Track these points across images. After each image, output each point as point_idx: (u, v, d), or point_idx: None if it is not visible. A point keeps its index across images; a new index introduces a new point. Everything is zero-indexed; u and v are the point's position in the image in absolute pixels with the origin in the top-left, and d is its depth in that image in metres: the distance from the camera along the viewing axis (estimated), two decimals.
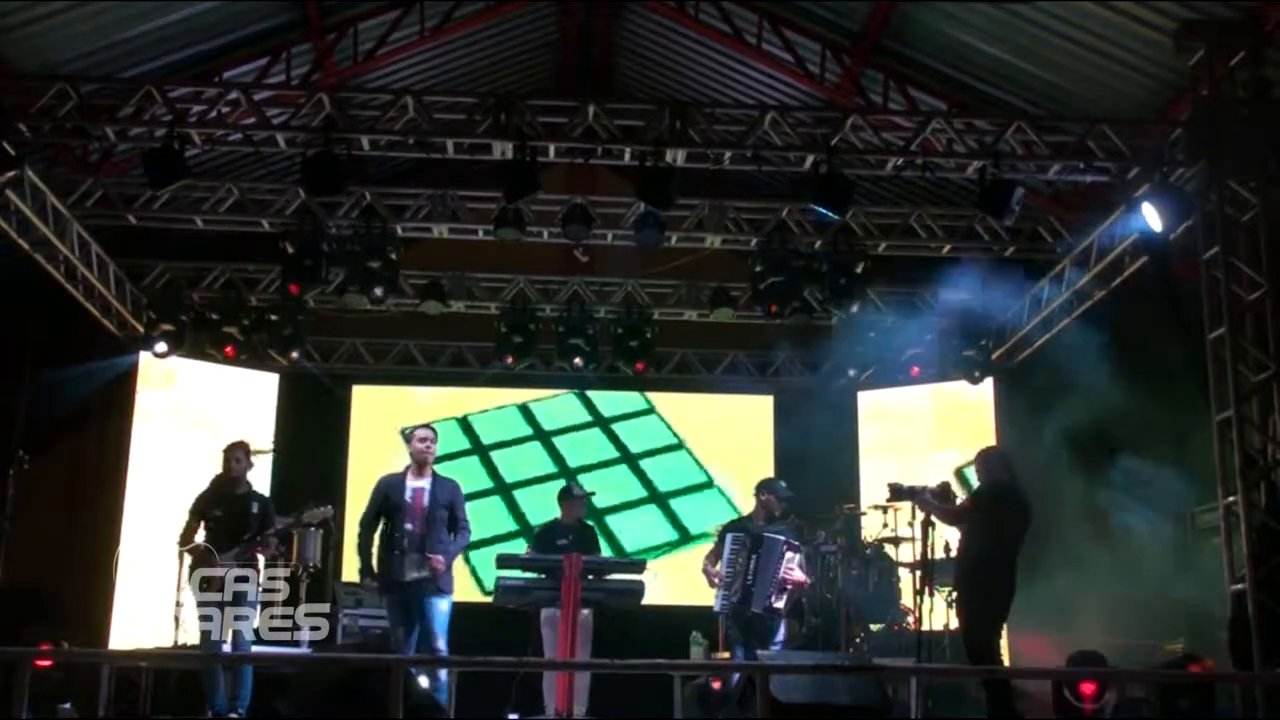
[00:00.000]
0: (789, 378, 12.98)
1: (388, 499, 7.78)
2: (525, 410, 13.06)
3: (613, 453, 12.92)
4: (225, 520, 7.65)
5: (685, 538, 12.37)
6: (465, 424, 12.95)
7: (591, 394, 13.05)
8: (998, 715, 6.82)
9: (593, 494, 9.44)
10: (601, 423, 13.08)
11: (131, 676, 8.10)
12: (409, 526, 7.64)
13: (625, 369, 11.87)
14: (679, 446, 12.97)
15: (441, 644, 7.63)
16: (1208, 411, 8.26)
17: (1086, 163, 8.88)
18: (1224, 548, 8.05)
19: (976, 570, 7.13)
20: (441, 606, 7.65)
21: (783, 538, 8.23)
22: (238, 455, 7.90)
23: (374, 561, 7.73)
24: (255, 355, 11.77)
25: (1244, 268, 8.26)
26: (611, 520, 12.22)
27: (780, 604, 8.16)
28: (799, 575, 8.24)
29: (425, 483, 7.80)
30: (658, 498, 12.67)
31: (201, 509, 7.77)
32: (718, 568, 8.28)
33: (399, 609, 7.70)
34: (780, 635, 8.31)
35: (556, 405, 13.09)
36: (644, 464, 12.85)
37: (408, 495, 7.74)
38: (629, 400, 13.08)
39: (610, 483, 12.32)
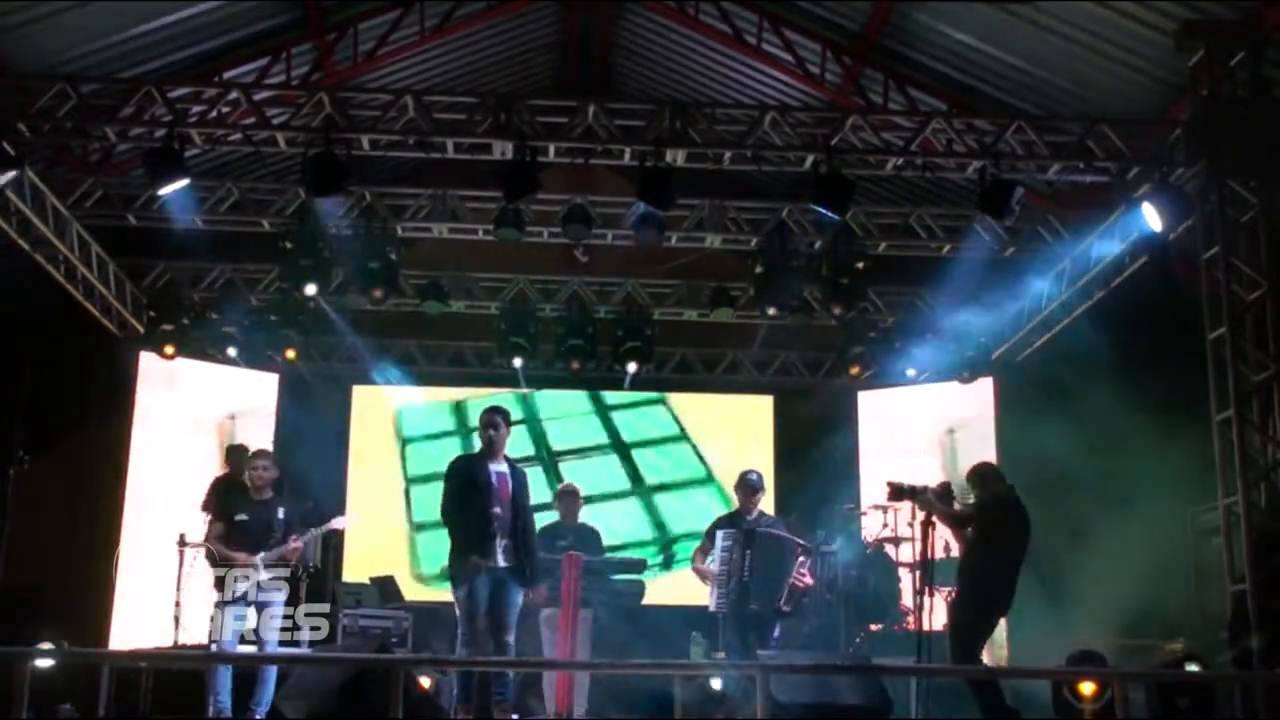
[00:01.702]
0: (789, 378, 12.99)
1: (471, 480, 7.33)
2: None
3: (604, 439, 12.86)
4: (251, 524, 7.58)
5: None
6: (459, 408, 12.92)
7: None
8: (992, 714, 6.80)
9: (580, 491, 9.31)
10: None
11: (131, 676, 8.07)
12: (498, 510, 7.24)
13: (625, 369, 11.87)
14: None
15: (512, 638, 7.32)
16: (1208, 411, 8.27)
17: (1086, 163, 8.88)
18: (1224, 548, 8.06)
19: (974, 582, 7.12)
20: (519, 599, 7.36)
21: (791, 538, 8.16)
22: (264, 464, 7.78)
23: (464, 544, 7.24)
24: (255, 355, 11.77)
25: (1244, 268, 8.27)
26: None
27: (788, 606, 8.03)
28: (809, 580, 8.19)
29: (505, 468, 7.45)
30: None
31: (224, 513, 7.71)
32: (709, 565, 8.10)
33: (478, 597, 7.19)
34: (776, 632, 8.25)
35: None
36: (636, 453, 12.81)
37: (493, 479, 7.33)
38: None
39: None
